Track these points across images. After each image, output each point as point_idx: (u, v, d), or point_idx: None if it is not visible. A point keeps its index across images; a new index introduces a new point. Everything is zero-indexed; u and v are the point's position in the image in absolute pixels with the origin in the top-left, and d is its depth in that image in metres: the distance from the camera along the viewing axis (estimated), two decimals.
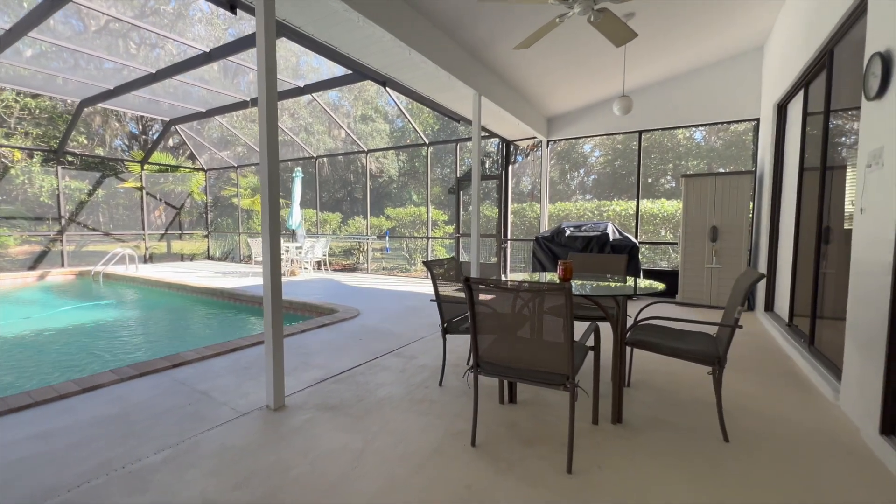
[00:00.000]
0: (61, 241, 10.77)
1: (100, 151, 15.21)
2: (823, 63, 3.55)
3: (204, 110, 10.34)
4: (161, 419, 2.51)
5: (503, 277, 8.71)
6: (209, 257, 14.11)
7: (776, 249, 5.11)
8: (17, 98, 12.36)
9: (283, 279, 8.76)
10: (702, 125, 6.76)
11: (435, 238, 10.61)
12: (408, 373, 3.36)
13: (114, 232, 13.00)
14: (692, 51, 5.79)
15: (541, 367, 2.05)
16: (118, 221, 17.59)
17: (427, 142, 9.15)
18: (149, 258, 12.49)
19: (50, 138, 14.13)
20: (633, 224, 9.44)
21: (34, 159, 12.38)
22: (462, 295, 2.29)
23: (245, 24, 11.26)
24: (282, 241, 10.22)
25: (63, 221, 10.78)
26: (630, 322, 2.88)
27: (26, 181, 12.76)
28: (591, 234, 6.81)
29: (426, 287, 7.87)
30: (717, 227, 5.82)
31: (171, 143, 16.60)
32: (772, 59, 5.37)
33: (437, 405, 2.73)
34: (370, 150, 10.20)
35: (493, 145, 10.51)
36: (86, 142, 15.34)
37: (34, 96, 12.75)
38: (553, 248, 7.04)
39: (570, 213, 10.95)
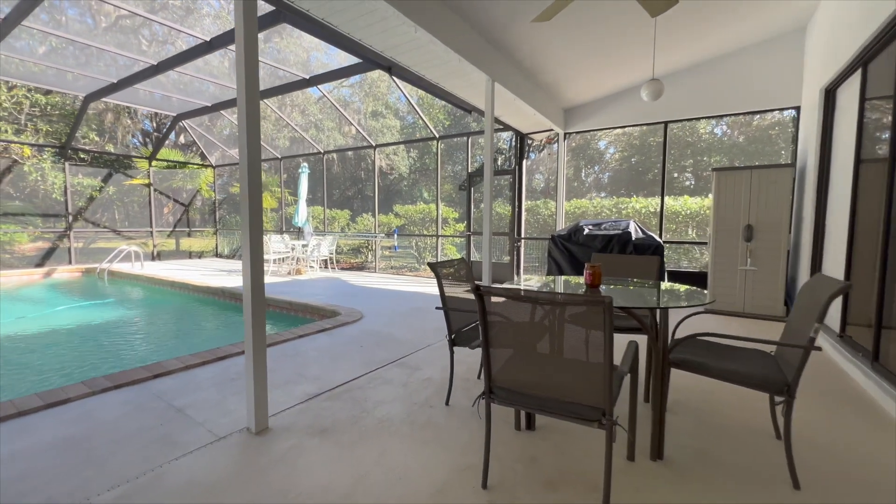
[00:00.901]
0: (69, 238, 10.67)
1: (110, 148, 15.17)
2: (890, 38, 3.07)
3: (210, 105, 10.12)
4: (126, 444, 2.19)
5: (516, 278, 8.32)
6: (217, 255, 13.96)
7: (821, 250, 4.61)
8: (28, 94, 12.31)
9: (288, 278, 8.49)
10: (735, 115, 6.25)
11: (445, 236, 10.24)
12: (411, 387, 2.99)
13: (122, 229, 12.92)
14: (726, 32, 5.29)
15: (569, 398, 1.66)
16: (130, 218, 17.62)
17: (437, 136, 8.77)
18: (157, 255, 12.37)
19: (62, 135, 14.13)
20: (655, 222, 8.96)
21: (45, 155, 12.34)
22: (472, 298, 1.91)
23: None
24: (287, 238, 9.95)
25: (70, 218, 10.68)
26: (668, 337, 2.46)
27: (39, 178, 12.76)
28: (612, 232, 6.36)
29: (435, 287, 7.52)
30: (753, 225, 5.33)
31: (182, 140, 16.55)
32: (817, 39, 4.85)
33: (443, 431, 2.35)
34: (378, 145, 9.86)
35: (505, 141, 10.11)
36: (97, 139, 15.31)
37: (46, 93, 12.71)
38: (570, 247, 6.61)
39: (586, 211, 10.47)
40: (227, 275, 8.99)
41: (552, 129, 7.35)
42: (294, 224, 9.97)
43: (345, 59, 7.01)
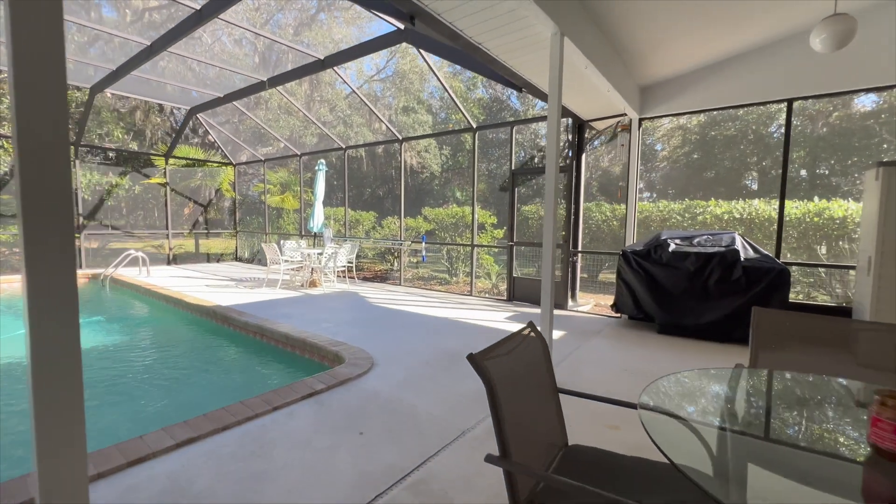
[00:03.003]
0: (79, 240, 10.01)
1: (134, 146, 14.69)
2: None
3: (222, 95, 9.15)
4: None
5: (571, 302, 6.77)
6: (237, 258, 13.13)
7: None
8: None
9: (299, 292, 7.30)
10: None
11: (482, 246, 8.78)
12: None
13: (136, 231, 12.30)
14: None
15: None
16: (149, 219, 17.23)
17: (474, 126, 7.34)
18: (172, 259, 11.62)
19: (89, 131, 13.72)
20: (757, 235, 7.20)
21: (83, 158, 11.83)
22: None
23: None
24: (303, 244, 8.81)
25: (81, 219, 10.01)
26: None
27: None
28: (711, 250, 4.71)
29: (470, 312, 6.09)
30: None
31: (208, 138, 15.92)
32: None
33: None
34: (406, 139, 8.54)
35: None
36: (122, 137, 14.87)
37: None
38: (649, 267, 5.02)
39: (649, 216, 8.73)
40: (234, 286, 7.93)
41: (623, 115, 5.75)
42: (309, 229, 8.81)
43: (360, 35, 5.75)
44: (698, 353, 4.27)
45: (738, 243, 4.73)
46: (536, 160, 18.93)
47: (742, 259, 4.54)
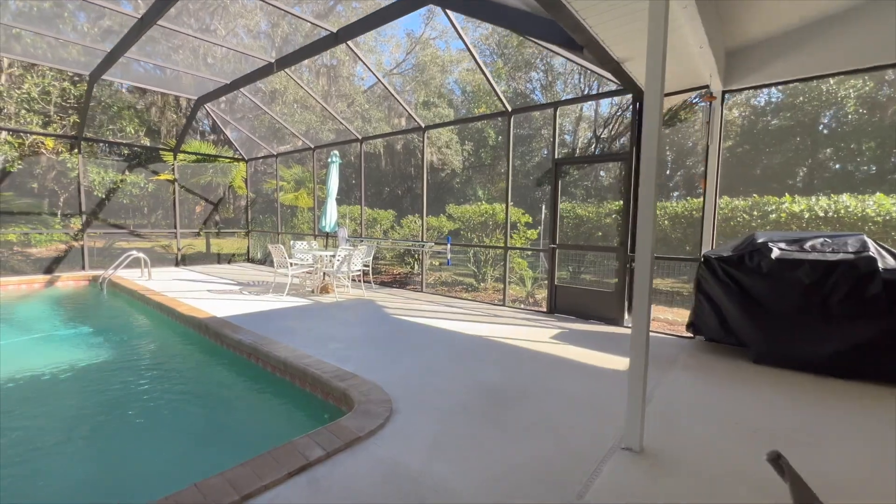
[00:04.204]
0: (81, 239, 9.42)
1: (146, 141, 14.17)
2: None
3: (229, 82, 8.38)
4: None
5: (627, 316, 5.68)
6: (249, 259, 12.42)
7: None
8: (55, 83, 11.35)
9: (308, 300, 6.43)
10: None
11: (518, 249, 7.74)
12: None
13: (143, 230, 11.72)
14: None
15: None
16: (159, 217, 16.76)
17: (509, 109, 6.33)
18: (181, 260, 10.96)
19: (96, 128, 13.27)
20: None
21: (74, 150, 11.34)
22: None
23: None
24: (315, 245, 7.95)
25: (84, 218, 9.41)
26: None
27: (70, 170, 11.85)
28: (835, 256, 3.59)
29: (506, 327, 5.09)
30: None
31: (222, 136, 15.32)
32: None
33: None
34: (429, 127, 7.59)
35: (608, 108, 7.38)
36: (134, 132, 14.37)
37: (74, 82, 11.74)
38: (742, 278, 3.92)
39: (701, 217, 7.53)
40: (239, 291, 7.13)
41: (705, 87, 4.62)
42: (321, 229, 7.94)
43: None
44: (828, 397, 3.16)
45: (872, 248, 3.58)
46: (586, 144, 17.47)
47: (881, 269, 3.40)
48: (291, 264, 6.84)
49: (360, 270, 7.31)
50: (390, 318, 5.50)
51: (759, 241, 4.03)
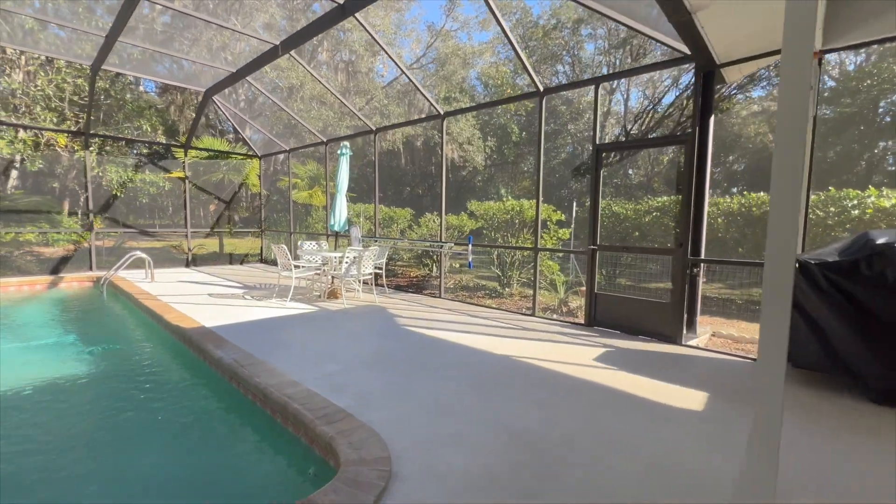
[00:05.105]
0: (89, 240, 9.07)
1: (162, 139, 13.94)
2: None
3: (235, 70, 7.83)
4: None
5: (687, 332, 4.59)
6: (262, 259, 11.93)
7: None
8: (68, 80, 11.13)
9: (313, 307, 5.75)
10: None
11: (545, 250, 6.86)
12: None
13: (150, 229, 11.38)
14: None
15: None
16: (172, 216, 16.56)
17: (541, 89, 5.48)
18: (191, 260, 10.54)
19: (106, 124, 13.10)
20: None
21: (92, 148, 11.11)
22: None
23: None
24: (324, 245, 7.29)
25: (91, 216, 9.07)
26: None
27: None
28: None
29: (539, 345, 4.24)
30: None
31: (244, 135, 14.99)
32: None
33: None
34: (447, 114, 6.80)
35: (662, 82, 6.32)
36: (151, 130, 14.15)
37: (87, 78, 11.52)
38: (857, 291, 2.97)
39: (745, 213, 6.46)
40: (241, 295, 6.53)
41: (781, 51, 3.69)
42: (331, 228, 7.27)
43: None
44: None
45: None
46: (639, 126, 16.26)
47: None
48: (296, 266, 6.18)
49: (371, 274, 6.60)
50: (402, 331, 4.74)
51: (879, 241, 3.07)
